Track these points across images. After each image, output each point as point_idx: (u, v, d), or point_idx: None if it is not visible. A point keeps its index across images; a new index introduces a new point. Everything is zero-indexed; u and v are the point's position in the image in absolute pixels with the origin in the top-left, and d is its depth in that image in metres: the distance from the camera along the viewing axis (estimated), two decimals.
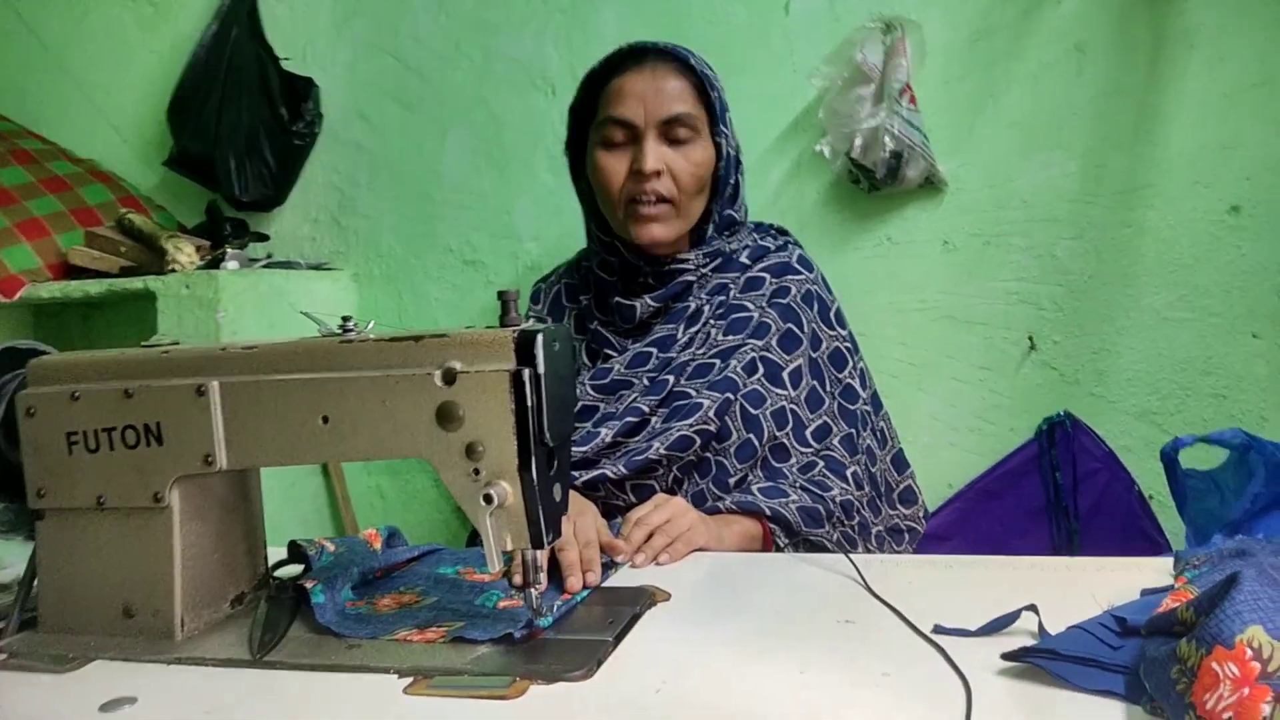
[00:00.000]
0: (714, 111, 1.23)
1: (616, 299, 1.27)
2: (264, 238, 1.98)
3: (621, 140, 1.22)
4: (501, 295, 0.78)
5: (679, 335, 1.25)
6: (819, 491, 1.16)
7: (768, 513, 1.10)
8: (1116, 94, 1.55)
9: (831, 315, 1.31)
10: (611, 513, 1.20)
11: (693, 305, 1.26)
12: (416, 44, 1.91)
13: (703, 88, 1.22)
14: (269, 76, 1.91)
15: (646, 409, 1.19)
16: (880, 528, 1.25)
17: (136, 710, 0.70)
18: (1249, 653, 0.49)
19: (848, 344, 1.31)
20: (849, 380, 1.29)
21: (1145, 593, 0.75)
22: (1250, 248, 1.51)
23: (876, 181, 1.60)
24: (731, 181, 1.27)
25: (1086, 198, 1.57)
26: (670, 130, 1.20)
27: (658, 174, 1.18)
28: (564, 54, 1.82)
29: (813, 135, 1.66)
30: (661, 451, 1.15)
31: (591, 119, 1.26)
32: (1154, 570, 0.84)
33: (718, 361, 1.21)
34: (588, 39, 1.80)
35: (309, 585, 0.84)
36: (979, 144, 1.61)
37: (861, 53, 1.57)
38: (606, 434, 1.18)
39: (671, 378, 1.21)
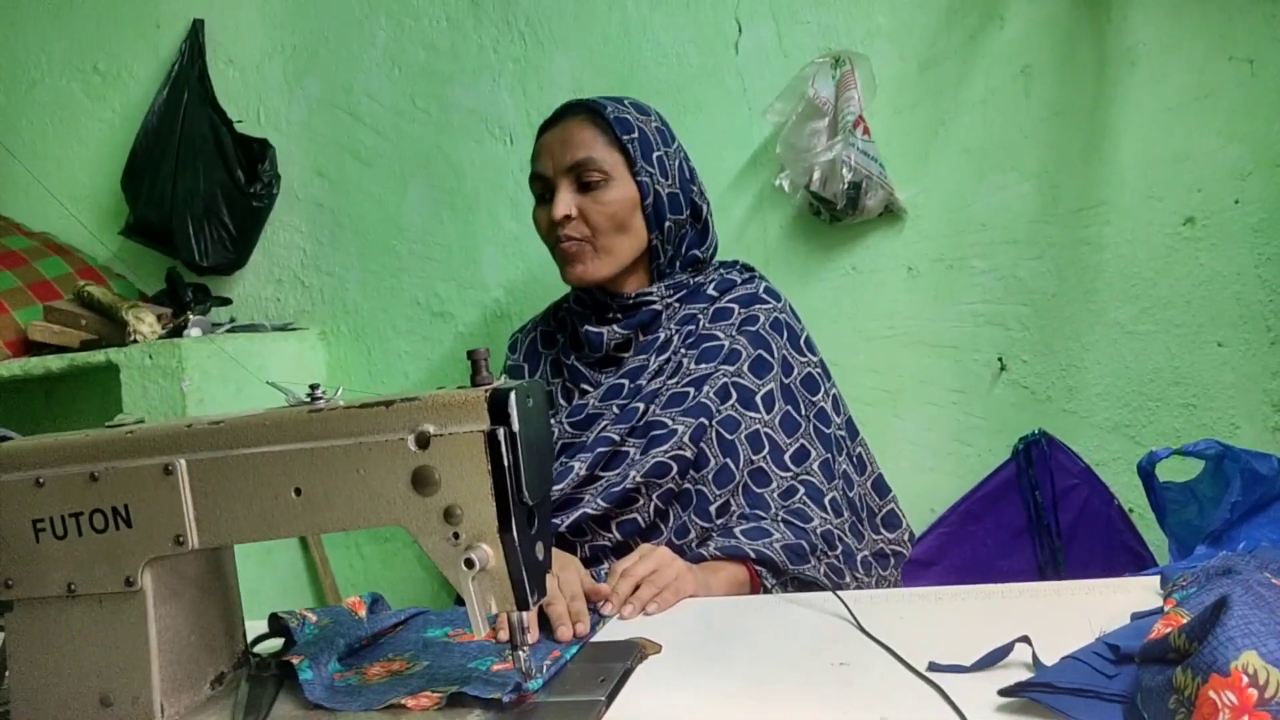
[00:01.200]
0: (629, 154, 1.27)
1: (585, 328, 1.31)
2: (226, 301, 1.96)
3: (543, 193, 1.31)
4: (471, 354, 0.77)
5: (650, 364, 1.27)
6: (800, 524, 1.16)
7: (752, 556, 1.09)
8: (1065, 114, 1.58)
9: (801, 342, 1.33)
10: (597, 555, 1.19)
11: (662, 335, 1.29)
12: (370, 99, 1.91)
13: (613, 132, 1.27)
14: (223, 139, 1.90)
15: (616, 437, 1.21)
16: (865, 553, 1.24)
17: None
18: (1245, 679, 0.48)
19: (819, 369, 1.33)
20: (822, 404, 1.30)
21: (1135, 616, 0.74)
22: (1207, 257, 1.54)
23: (837, 212, 1.61)
24: (681, 216, 1.31)
25: (1044, 217, 1.59)
26: (579, 175, 1.26)
27: (568, 218, 1.26)
28: (519, 102, 1.83)
29: (771, 170, 1.68)
30: (638, 479, 1.16)
31: None
32: (1142, 590, 0.84)
33: (691, 390, 1.23)
34: (542, 86, 1.81)
35: (295, 661, 0.82)
36: (934, 170, 1.64)
37: (813, 87, 1.59)
38: (580, 467, 1.18)
39: (642, 405, 1.23)
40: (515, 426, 0.73)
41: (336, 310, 1.96)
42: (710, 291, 1.33)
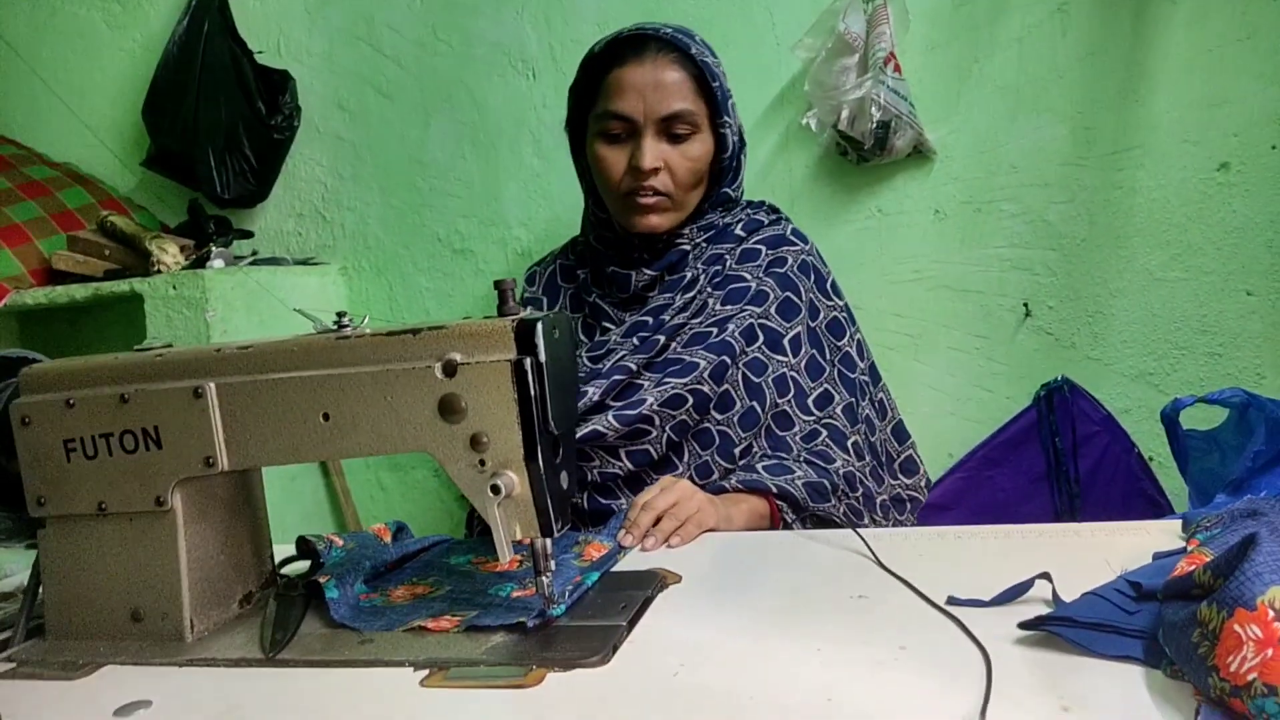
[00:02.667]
0: (715, 103, 1.22)
1: (612, 268, 1.28)
2: (248, 235, 1.96)
3: (620, 133, 1.22)
4: (498, 284, 0.77)
5: (675, 302, 1.25)
6: (822, 464, 1.16)
7: (774, 490, 1.10)
8: (1101, 54, 1.54)
9: (828, 286, 1.32)
10: (607, 483, 1.19)
11: (688, 274, 1.27)
12: (392, 31, 1.88)
13: (703, 78, 1.22)
14: (244, 71, 1.89)
15: (633, 367, 1.19)
16: (884, 497, 1.25)
17: (152, 714, 0.69)
18: (1271, 613, 0.49)
19: (844, 314, 1.32)
20: (847, 349, 1.30)
21: (1157, 556, 0.75)
22: (1241, 204, 1.51)
23: (865, 153, 1.59)
24: (733, 166, 1.28)
25: (1076, 160, 1.57)
26: (669, 126, 1.20)
27: (655, 171, 1.20)
28: (543, 35, 1.80)
29: (799, 108, 1.65)
30: (655, 407, 1.15)
31: (590, 103, 1.26)
32: (1162, 532, 0.84)
33: (714, 329, 1.21)
34: (567, 20, 1.78)
35: (322, 581, 0.84)
36: (966, 110, 1.60)
37: (844, 22, 1.55)
38: (594, 392, 1.17)
39: (663, 339, 1.21)
40: (542, 356, 0.73)
41: (358, 245, 1.96)
42: (738, 232, 1.31)
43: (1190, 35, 1.50)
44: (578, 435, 1.14)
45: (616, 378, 1.19)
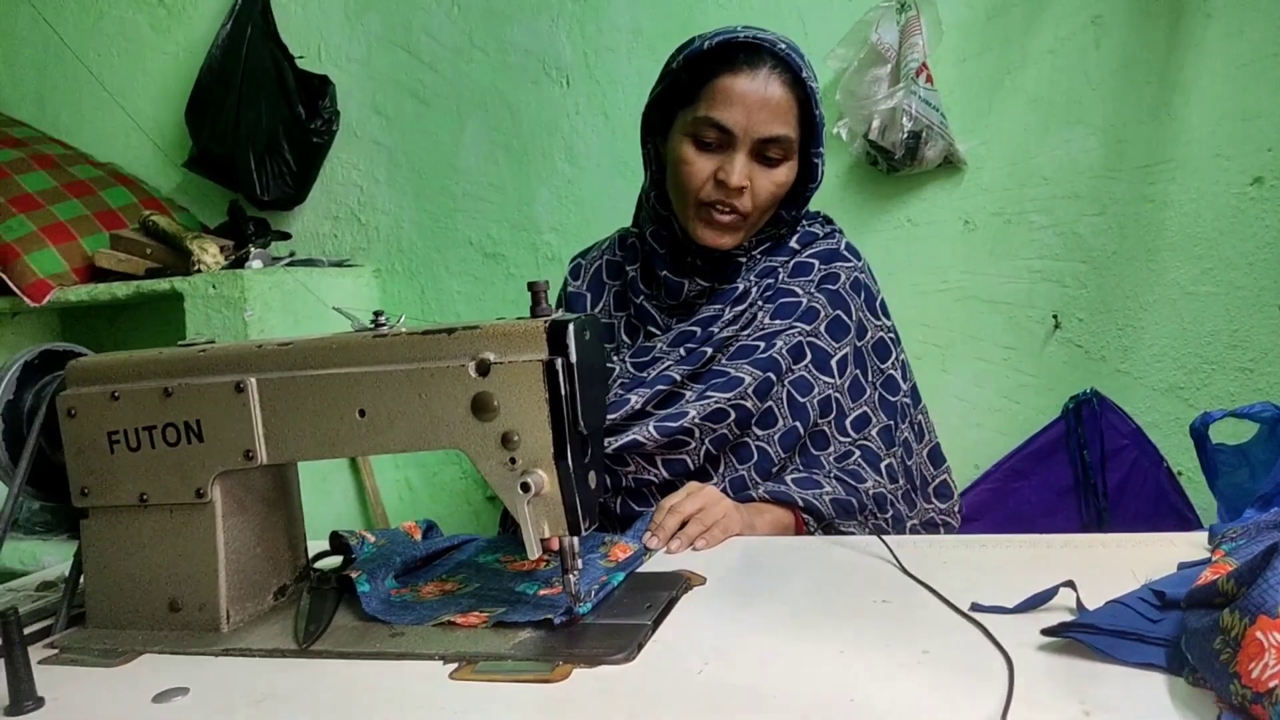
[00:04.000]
0: (813, 131, 1.19)
1: (665, 273, 1.25)
2: (286, 236, 2.00)
3: (713, 142, 1.17)
4: (532, 286, 0.78)
5: (725, 315, 1.23)
6: (853, 482, 1.15)
7: (800, 503, 1.10)
8: (1135, 67, 1.54)
9: (877, 305, 1.29)
10: (641, 489, 1.19)
11: (740, 286, 1.24)
12: (429, 38, 1.91)
13: (808, 104, 1.17)
14: (285, 75, 1.92)
15: (678, 377, 1.17)
16: (915, 521, 1.23)
17: (189, 701, 0.71)
18: None
19: (891, 335, 1.29)
20: (891, 371, 1.27)
21: (1182, 566, 0.75)
22: (1274, 219, 1.50)
23: (895, 162, 1.59)
24: (808, 194, 1.25)
25: (1108, 173, 1.56)
26: (763, 148, 1.16)
27: (740, 190, 1.16)
28: (577, 43, 1.82)
29: (830, 117, 1.65)
30: (696, 420, 1.13)
31: (686, 98, 1.20)
32: (1188, 544, 0.84)
33: (762, 344, 1.19)
34: (601, 28, 1.80)
35: (354, 575, 0.86)
36: (998, 122, 1.61)
37: (876, 33, 1.56)
38: (636, 400, 1.16)
39: (710, 350, 1.19)
40: (573, 357, 0.75)
41: (391, 248, 1.99)
42: (792, 244, 1.27)
43: (1225, 49, 1.50)
44: (618, 443, 1.14)
45: (660, 387, 1.17)
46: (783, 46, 1.17)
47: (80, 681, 0.77)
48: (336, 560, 0.97)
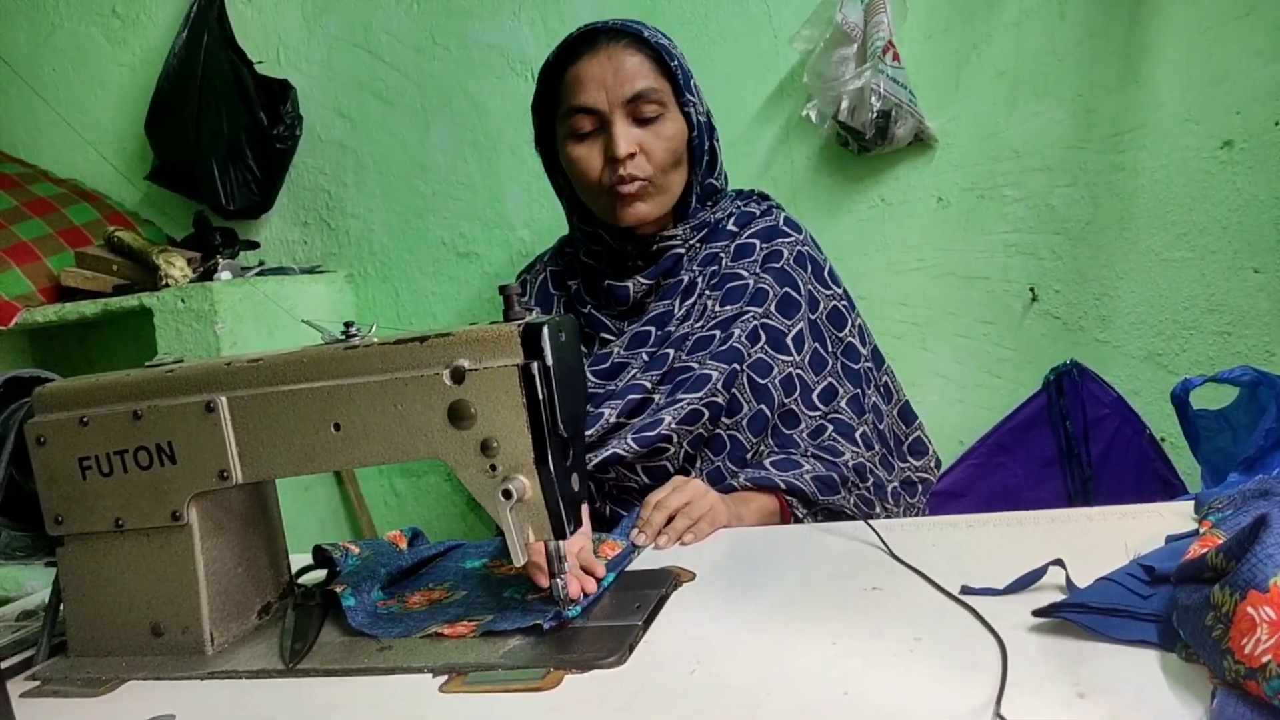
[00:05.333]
0: (677, 82, 1.21)
1: (608, 282, 1.25)
2: (254, 245, 1.97)
3: (590, 129, 1.20)
4: (503, 290, 0.77)
5: (675, 310, 1.23)
6: (830, 458, 1.16)
7: (783, 486, 1.10)
8: (1101, 36, 1.54)
9: (825, 274, 1.30)
10: (625, 493, 1.19)
11: (685, 278, 1.25)
12: (390, 37, 1.89)
13: (661, 59, 1.20)
14: (244, 81, 1.89)
15: (648, 384, 1.18)
16: (895, 483, 1.24)
17: None
18: None
19: (844, 301, 1.30)
20: (850, 339, 1.28)
21: (1170, 539, 0.75)
22: (1245, 182, 1.50)
23: (866, 142, 1.59)
24: (707, 149, 1.26)
25: (1078, 143, 1.56)
26: (637, 109, 1.18)
27: (632, 156, 1.17)
28: (540, 36, 1.80)
29: (798, 100, 1.65)
30: (673, 426, 1.14)
31: (554, 112, 1.24)
32: (1176, 515, 0.84)
33: (718, 333, 1.20)
34: (564, 19, 1.78)
35: (338, 590, 0.85)
36: (966, 97, 1.60)
37: (841, 12, 1.55)
38: (610, 414, 1.16)
39: (671, 351, 1.20)
40: (549, 360, 0.74)
41: (363, 252, 1.96)
42: (730, 227, 1.28)
43: (1189, 13, 1.50)
44: (598, 459, 1.14)
45: (632, 397, 1.17)
46: (615, 20, 1.22)
47: (63, 714, 0.76)
48: (321, 575, 0.96)
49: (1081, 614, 0.62)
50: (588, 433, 1.15)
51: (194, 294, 1.66)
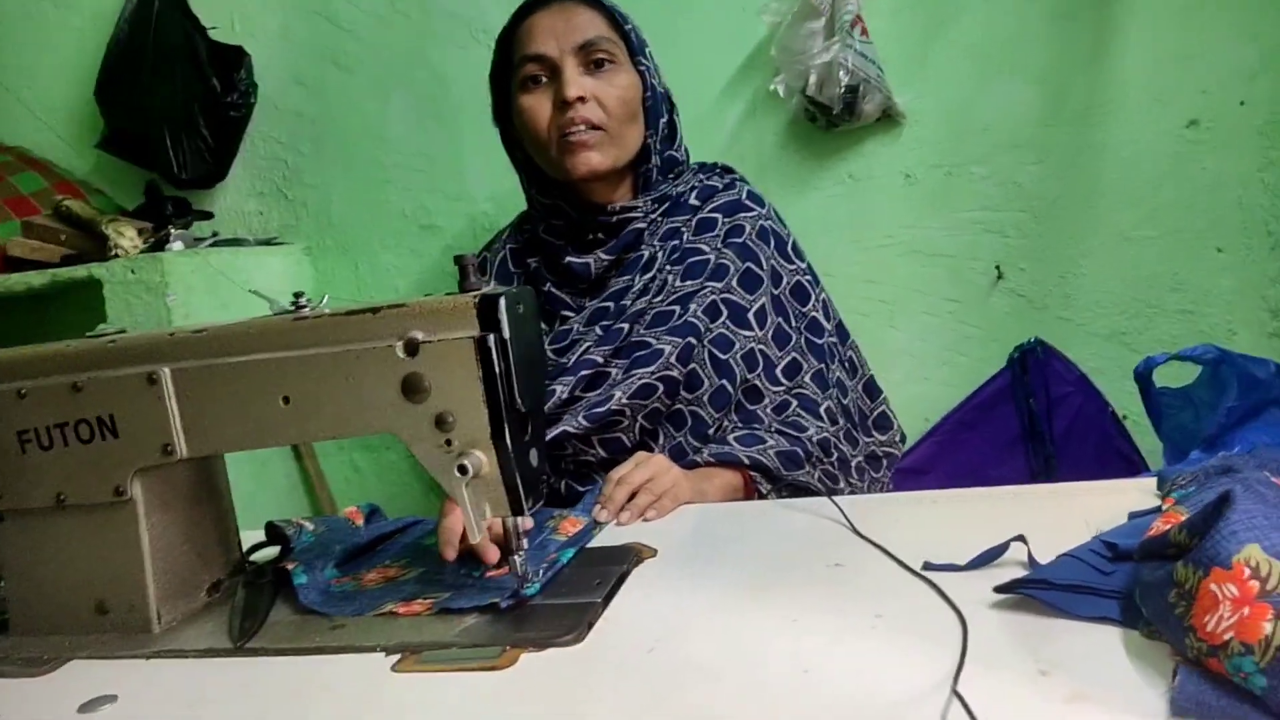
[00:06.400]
0: (631, 42, 1.20)
1: (568, 259, 1.24)
2: (208, 215, 1.92)
3: (542, 77, 1.19)
4: (459, 260, 0.75)
5: (635, 284, 1.22)
6: (795, 433, 1.15)
7: (746, 462, 1.09)
8: (1071, 14, 1.53)
9: (789, 249, 1.29)
10: (582, 470, 1.18)
11: (646, 253, 1.23)
12: (349, 4, 1.84)
13: (614, 20, 1.20)
14: (197, 48, 1.83)
15: (600, 359, 1.17)
16: (859, 458, 1.24)
17: (117, 709, 0.68)
18: (1247, 572, 0.48)
19: (808, 276, 1.29)
20: (813, 313, 1.27)
21: (1133, 516, 0.74)
22: (1210, 161, 1.51)
23: (834, 118, 1.57)
24: (665, 118, 1.25)
25: (1047, 121, 1.56)
26: (588, 55, 1.17)
27: (582, 99, 1.15)
28: (502, 5, 1.74)
29: (766, 74, 1.63)
30: (624, 401, 1.13)
31: (510, 79, 1.24)
32: (1138, 491, 0.84)
33: (677, 308, 1.18)
34: None
35: (290, 567, 0.82)
36: (935, 73, 1.59)
37: None
38: (563, 390, 1.15)
39: (626, 326, 1.18)
40: (506, 333, 0.72)
41: (322, 224, 1.92)
42: (692, 201, 1.27)
43: None
44: (550, 435, 1.12)
45: (584, 372, 1.16)
46: None
47: (3, 693, 0.73)
48: (274, 551, 0.94)
49: (1043, 590, 0.62)
50: None
51: (144, 265, 1.62)
